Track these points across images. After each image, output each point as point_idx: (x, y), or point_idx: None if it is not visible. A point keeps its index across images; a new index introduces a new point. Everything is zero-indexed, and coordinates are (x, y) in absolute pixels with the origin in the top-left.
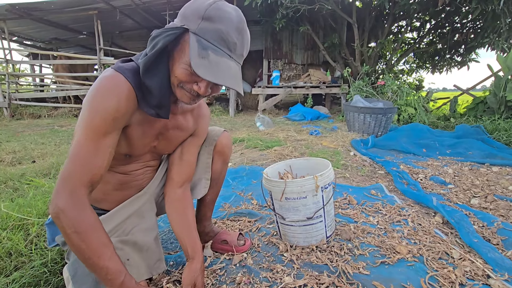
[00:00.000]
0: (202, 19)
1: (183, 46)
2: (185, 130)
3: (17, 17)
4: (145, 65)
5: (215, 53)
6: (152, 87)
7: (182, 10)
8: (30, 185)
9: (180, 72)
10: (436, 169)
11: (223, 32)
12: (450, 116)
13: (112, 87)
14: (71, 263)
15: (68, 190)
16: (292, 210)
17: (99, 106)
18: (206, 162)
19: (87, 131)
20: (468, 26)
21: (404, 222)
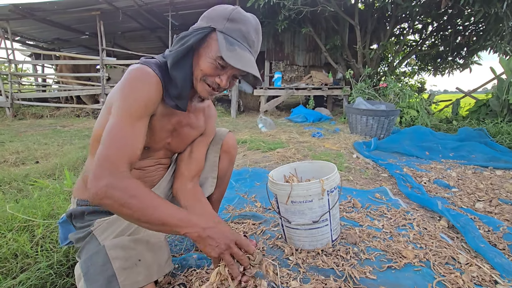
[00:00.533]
0: (227, 20)
1: (209, 43)
2: (196, 128)
3: (20, 17)
4: (175, 58)
5: (240, 47)
6: (178, 78)
7: (206, 14)
8: (34, 186)
9: (206, 65)
10: (440, 172)
11: (245, 32)
12: (452, 118)
13: (143, 76)
14: (84, 261)
15: (109, 170)
16: (298, 214)
17: (133, 92)
18: (213, 160)
19: (122, 115)
20: (470, 28)
21: (410, 226)
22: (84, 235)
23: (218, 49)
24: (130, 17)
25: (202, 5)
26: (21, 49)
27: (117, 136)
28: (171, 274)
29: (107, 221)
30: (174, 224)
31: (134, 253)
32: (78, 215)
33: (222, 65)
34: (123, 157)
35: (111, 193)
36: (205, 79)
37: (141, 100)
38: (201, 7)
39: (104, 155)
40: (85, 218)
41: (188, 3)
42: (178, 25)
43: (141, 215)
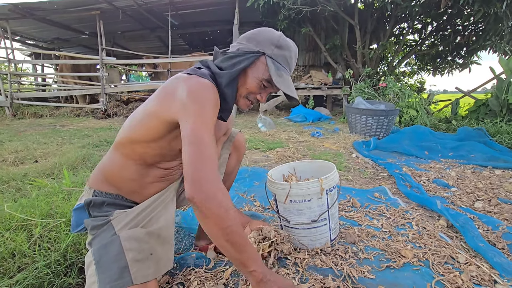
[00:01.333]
0: (275, 47)
1: (257, 65)
2: (222, 130)
3: (20, 17)
4: (230, 78)
5: (285, 72)
6: (228, 95)
7: (253, 37)
8: (33, 185)
9: (253, 85)
10: (439, 171)
11: (288, 58)
12: (451, 118)
13: (208, 86)
14: (97, 249)
15: (212, 171)
16: (297, 213)
17: (207, 100)
18: (224, 156)
19: (204, 121)
20: (470, 28)
21: (409, 225)
22: (102, 223)
23: (265, 72)
24: (130, 17)
25: (201, 5)
26: (20, 48)
27: (208, 143)
28: (170, 273)
29: (125, 213)
30: (251, 257)
31: (147, 247)
32: (97, 204)
33: (265, 86)
34: (216, 161)
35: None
36: (248, 96)
37: (212, 108)
38: (201, 7)
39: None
40: (103, 208)
41: (188, 3)
42: (178, 24)
43: (230, 233)
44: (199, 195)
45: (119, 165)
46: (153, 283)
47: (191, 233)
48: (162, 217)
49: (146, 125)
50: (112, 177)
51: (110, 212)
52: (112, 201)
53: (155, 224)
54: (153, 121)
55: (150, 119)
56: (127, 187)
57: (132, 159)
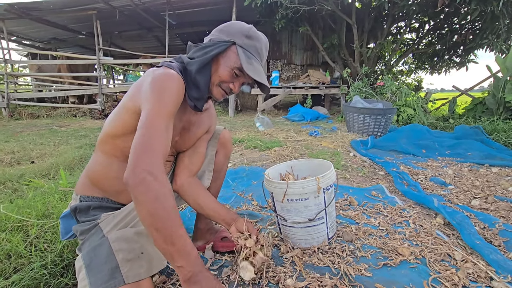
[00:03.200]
0: (245, 37)
1: (229, 54)
2: (202, 127)
3: (16, 17)
4: (200, 65)
5: (255, 61)
6: (201, 82)
7: (224, 29)
8: (29, 186)
9: (225, 73)
10: (436, 170)
11: (259, 48)
12: (449, 117)
13: (171, 76)
14: (86, 253)
15: (153, 156)
16: (294, 212)
17: (166, 91)
18: (211, 154)
19: (159, 110)
20: (467, 27)
21: (406, 223)
22: (90, 227)
23: (236, 60)
24: (127, 16)
25: (199, 4)
26: (17, 49)
27: (156, 129)
28: (166, 273)
29: (113, 215)
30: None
31: (137, 246)
32: (83, 209)
33: (237, 74)
34: (162, 150)
35: (149, 182)
36: (221, 85)
37: (172, 97)
38: (198, 6)
39: (147, 143)
40: (90, 213)
41: (185, 2)
42: (175, 24)
43: (161, 219)
44: (132, 179)
45: (103, 164)
46: (147, 283)
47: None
48: None
49: (122, 118)
50: (97, 178)
51: (97, 215)
52: (99, 204)
53: None
54: (127, 113)
55: (124, 112)
56: (113, 188)
57: (115, 156)
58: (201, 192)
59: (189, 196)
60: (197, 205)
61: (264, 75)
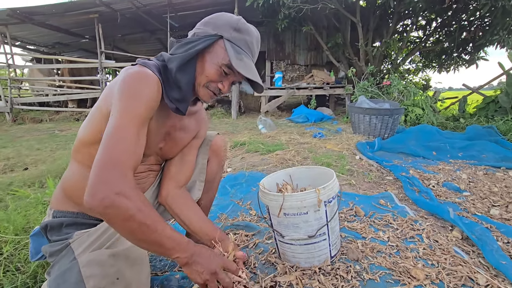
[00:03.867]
0: (234, 30)
1: (215, 50)
2: (190, 132)
3: (19, 22)
4: (181, 62)
5: (246, 57)
6: (182, 82)
7: (210, 21)
8: (15, 195)
9: (212, 71)
10: (449, 174)
11: (249, 42)
12: (459, 116)
13: (144, 77)
14: (54, 279)
15: (120, 174)
16: (292, 227)
17: (136, 93)
18: (202, 162)
19: (126, 116)
20: (476, 23)
21: (419, 238)
22: (61, 248)
23: (224, 56)
24: (129, 20)
25: (200, 6)
26: (22, 53)
27: (123, 138)
28: None
29: (87, 233)
30: (171, 247)
31: (112, 271)
32: (55, 226)
33: (226, 72)
34: (129, 162)
35: (120, 202)
36: (208, 85)
37: (144, 102)
38: (200, 8)
39: (110, 157)
40: (62, 231)
41: (187, 4)
42: (177, 26)
43: (143, 233)
44: (97, 204)
45: (78, 175)
46: None
47: None
48: None
49: (94, 123)
50: (72, 191)
51: (70, 234)
52: (73, 220)
53: (123, 244)
54: (99, 118)
55: (96, 116)
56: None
57: (90, 165)
58: (187, 206)
59: (174, 210)
60: (181, 221)
61: (256, 72)
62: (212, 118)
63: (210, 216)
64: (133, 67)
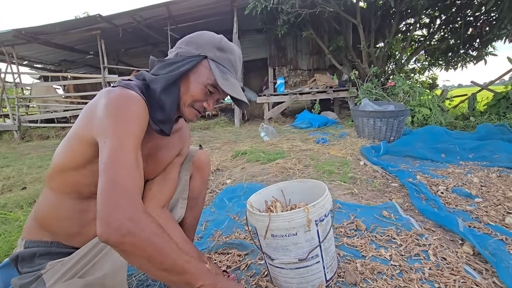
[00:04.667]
0: (217, 49)
1: (199, 70)
2: (173, 150)
3: (25, 42)
4: (166, 83)
5: (230, 76)
6: (166, 103)
7: (192, 40)
8: (6, 218)
9: (197, 91)
10: (459, 177)
11: (233, 60)
12: (469, 114)
13: (131, 97)
14: None
15: (129, 199)
16: (281, 250)
17: (129, 115)
18: (185, 179)
19: (123, 138)
20: (482, 18)
21: (425, 255)
22: (31, 280)
23: (209, 76)
24: (131, 34)
25: (200, 17)
26: (30, 72)
27: (123, 162)
28: None
29: (61, 263)
30: (195, 274)
31: None
32: (27, 257)
33: (211, 91)
34: (134, 186)
35: (136, 229)
36: (193, 104)
37: (137, 122)
38: (200, 19)
39: (115, 184)
40: (35, 261)
41: (187, 15)
42: (178, 37)
43: (165, 259)
44: (113, 235)
45: (52, 203)
46: None
47: None
48: (108, 262)
49: (71, 149)
50: (46, 220)
51: (43, 264)
52: (46, 250)
53: (98, 271)
54: (77, 143)
55: (74, 141)
56: (64, 230)
57: (65, 193)
58: (167, 228)
59: None
60: None
61: (241, 90)
62: (215, 127)
63: (204, 233)
64: (114, 89)
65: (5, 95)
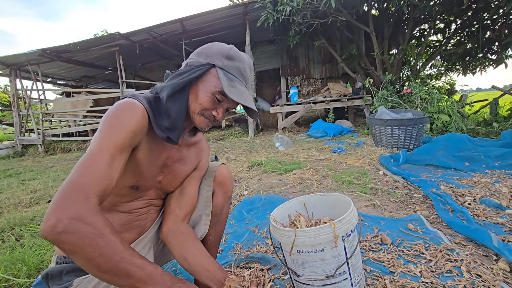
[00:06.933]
0: (225, 58)
1: (208, 78)
2: (189, 163)
3: (49, 60)
4: (172, 90)
5: (238, 83)
6: (172, 109)
7: (202, 51)
8: (35, 231)
9: (205, 99)
10: (486, 187)
11: (242, 69)
12: (492, 120)
13: (128, 107)
14: None
15: (81, 198)
16: (307, 266)
17: (117, 122)
18: (207, 195)
19: (103, 143)
20: (500, 21)
21: (457, 271)
22: None
23: (217, 84)
24: (147, 49)
25: (213, 30)
26: (53, 89)
27: (93, 164)
28: None
29: (86, 280)
30: (141, 278)
31: None
32: (55, 275)
33: (219, 100)
34: (96, 187)
35: (75, 227)
36: (203, 113)
37: (123, 129)
38: (213, 32)
39: (74, 182)
40: (63, 279)
41: (200, 30)
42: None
43: (106, 261)
44: (49, 233)
45: None
46: None
47: None
48: None
49: None
50: None
51: (70, 281)
52: (72, 267)
53: None
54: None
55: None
56: None
57: None
58: (188, 243)
59: (173, 247)
60: (182, 259)
61: (250, 98)
62: (230, 138)
63: (225, 246)
64: (120, 101)
65: (30, 111)
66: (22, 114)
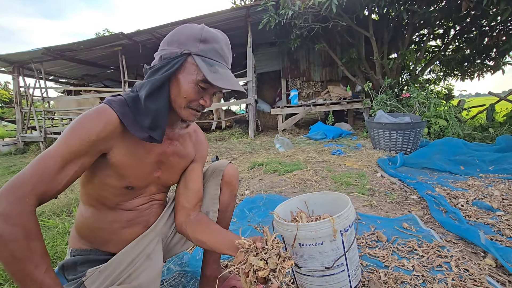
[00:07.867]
0: (200, 42)
1: (186, 68)
2: (185, 156)
3: (52, 59)
4: (150, 88)
5: (219, 66)
6: (152, 108)
7: (172, 39)
8: (45, 225)
9: (189, 91)
10: (479, 190)
11: (219, 49)
12: (488, 125)
13: (95, 113)
14: None
15: (15, 197)
16: (308, 258)
17: (79, 128)
18: (214, 193)
19: (59, 147)
20: (498, 28)
21: (447, 266)
22: (75, 287)
23: (198, 72)
24: (150, 49)
25: None
26: (55, 87)
27: (43, 165)
28: None
29: (99, 270)
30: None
31: None
32: (70, 266)
33: (203, 87)
34: (37, 188)
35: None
36: (190, 105)
37: (81, 136)
38: None
39: (19, 179)
40: (77, 269)
41: None
42: None
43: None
44: None
45: (84, 215)
46: None
47: (197, 277)
48: (144, 272)
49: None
50: (82, 230)
51: (84, 271)
52: (85, 258)
53: (135, 280)
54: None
55: None
56: (98, 238)
57: (92, 205)
58: (200, 227)
59: (190, 235)
60: (199, 242)
61: (235, 80)
62: (231, 139)
63: None
64: (94, 107)
65: (33, 108)
66: (24, 112)
